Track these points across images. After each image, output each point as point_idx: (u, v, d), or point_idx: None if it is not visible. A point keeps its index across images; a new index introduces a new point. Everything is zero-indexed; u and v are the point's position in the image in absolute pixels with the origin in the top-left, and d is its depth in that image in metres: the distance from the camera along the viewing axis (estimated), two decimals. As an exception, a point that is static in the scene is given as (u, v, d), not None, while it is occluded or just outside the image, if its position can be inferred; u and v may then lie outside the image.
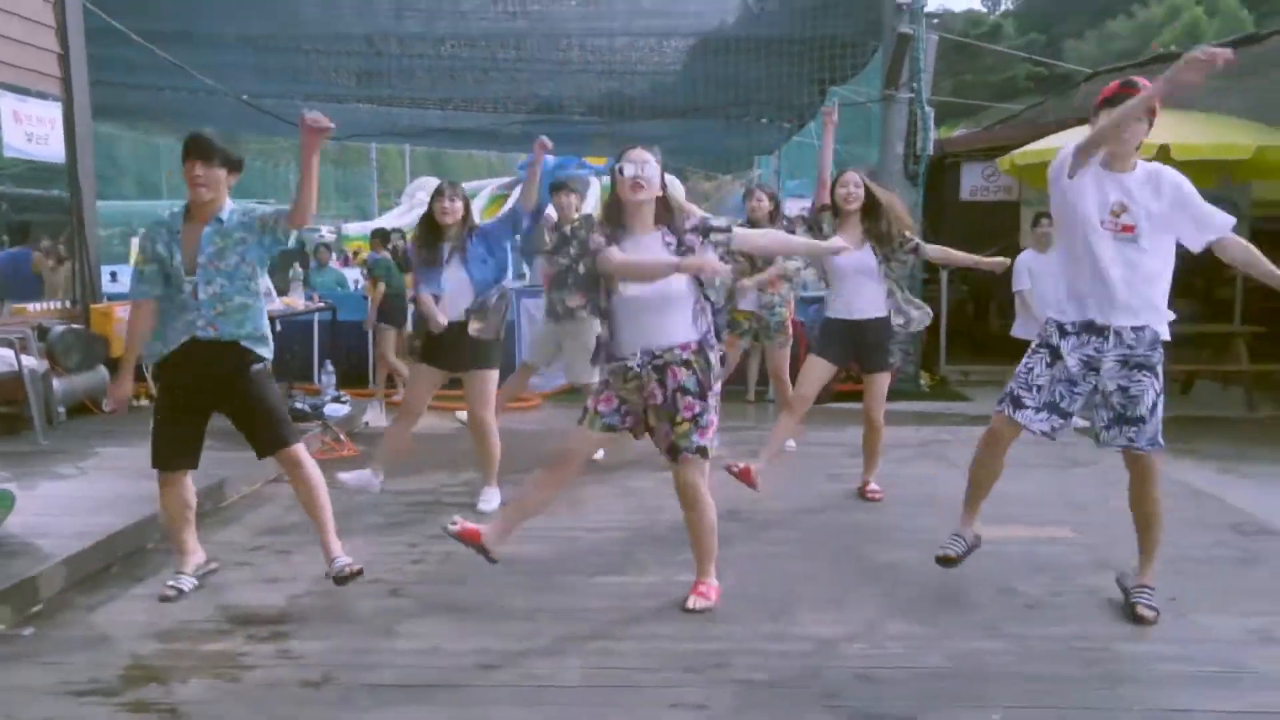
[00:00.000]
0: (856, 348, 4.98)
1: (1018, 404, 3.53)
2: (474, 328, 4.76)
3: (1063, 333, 3.49)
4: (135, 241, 19.73)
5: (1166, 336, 3.42)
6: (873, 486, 5.19)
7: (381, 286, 8.17)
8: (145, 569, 4.05)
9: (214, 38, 10.78)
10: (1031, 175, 8.51)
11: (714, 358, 3.54)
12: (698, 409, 3.47)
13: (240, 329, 3.67)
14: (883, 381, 5.03)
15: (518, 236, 5.15)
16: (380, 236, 9.14)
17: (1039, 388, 3.50)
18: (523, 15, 10.40)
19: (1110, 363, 3.40)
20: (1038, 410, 3.49)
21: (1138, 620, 3.43)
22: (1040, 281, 6.87)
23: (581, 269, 5.80)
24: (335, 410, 6.90)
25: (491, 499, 4.99)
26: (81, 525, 4.20)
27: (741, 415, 7.73)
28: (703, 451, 3.50)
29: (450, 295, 4.78)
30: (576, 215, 5.95)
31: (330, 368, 7.55)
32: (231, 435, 3.86)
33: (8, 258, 7.65)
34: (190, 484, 3.85)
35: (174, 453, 3.73)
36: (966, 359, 10.35)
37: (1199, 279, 11.66)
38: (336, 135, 16.20)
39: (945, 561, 3.69)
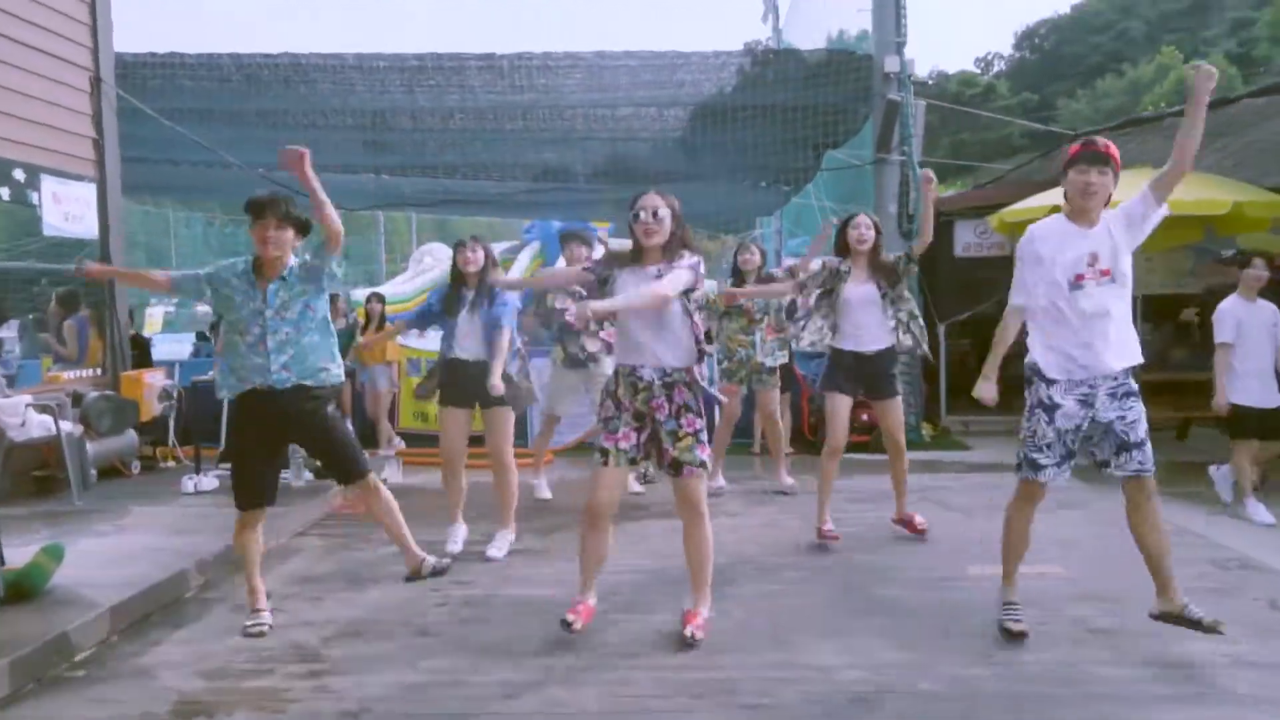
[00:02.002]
0: (865, 378, 5.26)
1: (1035, 466, 3.76)
2: (505, 394, 5.03)
3: (1049, 383, 3.72)
4: (149, 311, 20.16)
5: (1139, 360, 3.69)
6: (919, 519, 5.44)
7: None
8: (184, 616, 4.30)
9: (230, 114, 11.28)
10: (1019, 232, 8.82)
11: (704, 377, 3.88)
12: (699, 426, 3.81)
13: (312, 369, 4.04)
14: (898, 406, 5.31)
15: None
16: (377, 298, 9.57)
17: (1048, 445, 3.72)
18: (529, 89, 10.90)
19: (1103, 397, 3.64)
20: (1057, 466, 3.73)
21: (1211, 630, 3.53)
22: (1251, 337, 5.84)
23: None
24: (355, 468, 7.16)
25: (502, 544, 5.23)
26: (124, 576, 4.46)
27: (748, 466, 7.97)
28: (704, 465, 3.83)
29: (463, 336, 5.12)
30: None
31: (350, 427, 7.84)
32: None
33: (80, 324, 7.98)
34: (262, 528, 4.22)
35: (255, 492, 4.12)
36: (966, 410, 10.60)
37: (1195, 325, 11.96)
38: (347, 206, 16.67)
39: (1017, 636, 3.78)
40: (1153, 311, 10.50)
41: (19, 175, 6.73)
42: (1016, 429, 3.95)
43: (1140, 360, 3.70)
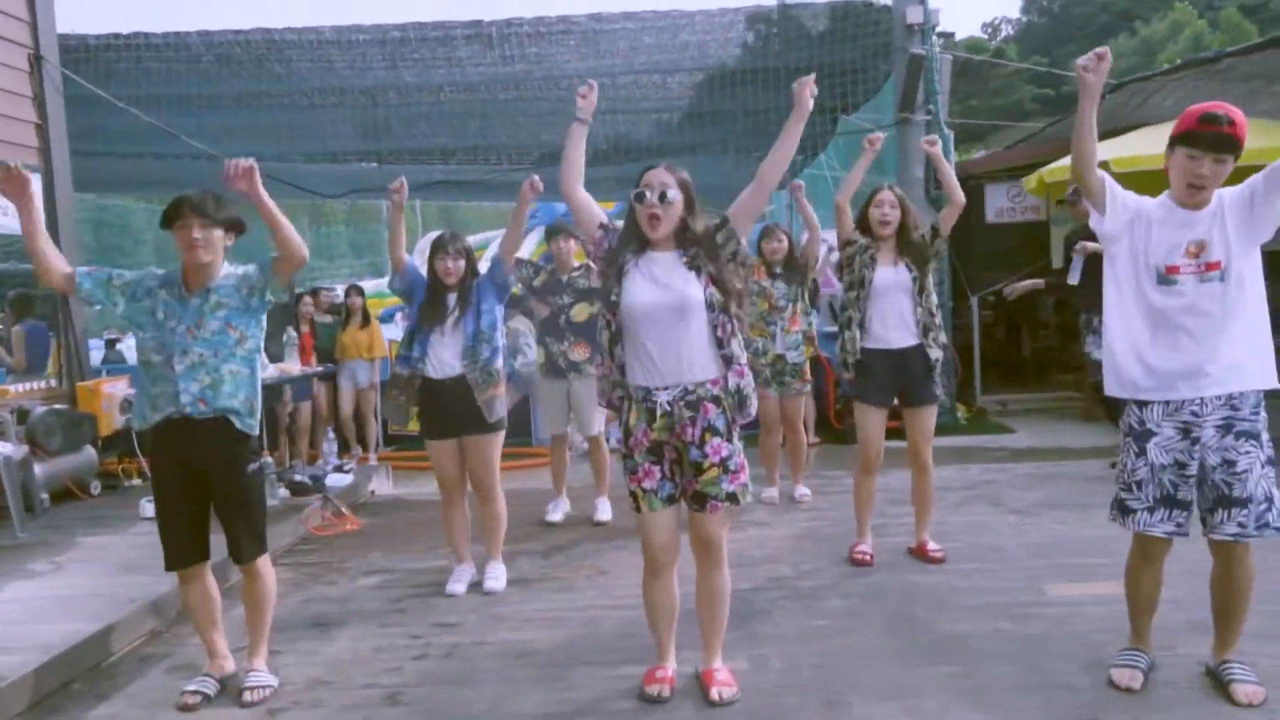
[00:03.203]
0: (900, 379, 4.46)
1: (1125, 510, 3.00)
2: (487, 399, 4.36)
3: (1141, 405, 2.97)
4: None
5: (1272, 385, 2.89)
6: (932, 546, 4.60)
7: None
8: (113, 683, 3.59)
9: (206, 99, 10.57)
10: (1059, 193, 8.06)
11: (740, 383, 3.06)
12: (725, 452, 3.02)
13: (235, 396, 3.27)
14: (930, 416, 4.52)
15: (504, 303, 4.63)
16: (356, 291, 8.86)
17: (1139, 484, 2.96)
18: (520, 59, 10.15)
19: (1210, 430, 2.88)
20: (1151, 511, 2.94)
21: (1245, 704, 2.88)
22: None
23: (575, 317, 5.39)
24: (337, 481, 6.47)
25: (498, 576, 4.51)
26: (45, 635, 3.75)
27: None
28: (733, 498, 3.06)
29: (440, 351, 4.34)
30: (576, 263, 5.52)
31: (331, 434, 7.14)
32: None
33: (34, 330, 7.33)
34: (211, 577, 3.46)
35: (183, 549, 3.36)
36: (1000, 387, 9.85)
37: None
38: (338, 194, 15.96)
39: (1129, 690, 3.04)
40: None
41: (-54, 165, 6.00)
42: (1058, 406, 3.18)
43: (1271, 385, 2.89)
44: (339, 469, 6.73)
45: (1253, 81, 8.05)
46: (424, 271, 4.49)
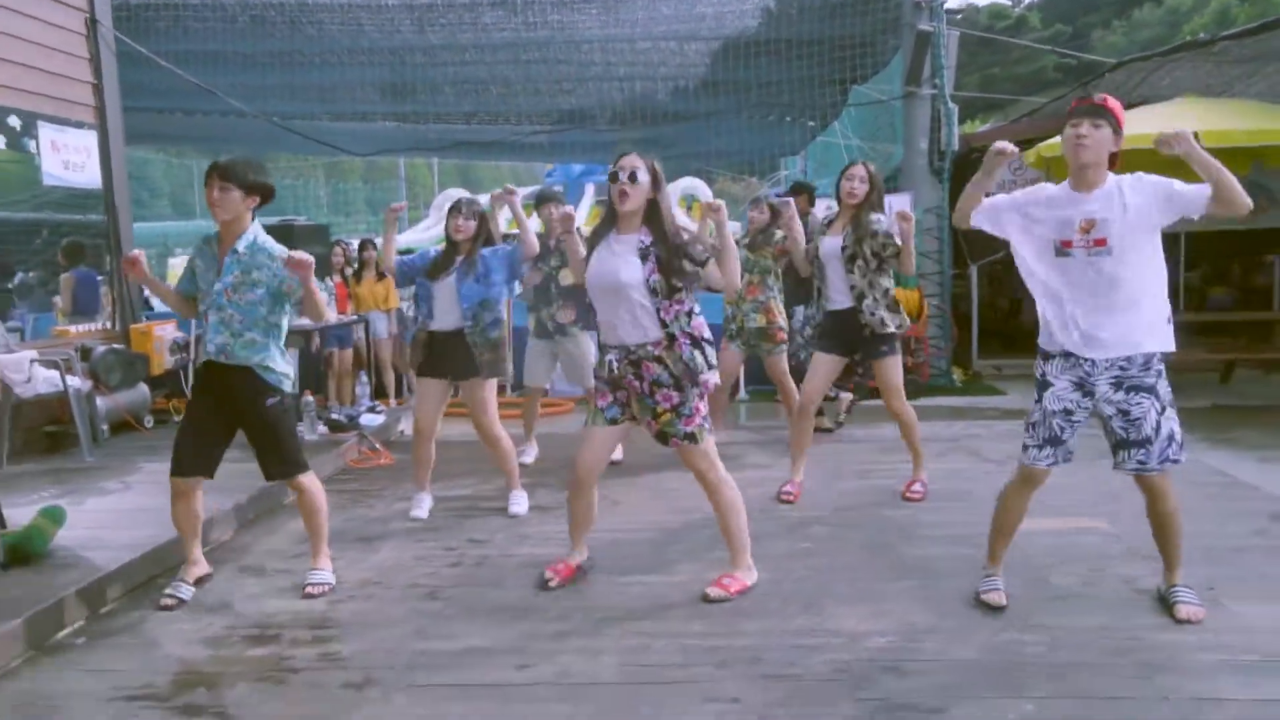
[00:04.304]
0: (848, 337, 4.95)
1: (1024, 447, 3.47)
2: (484, 359, 4.86)
3: (1046, 357, 3.42)
4: (172, 262, 20.17)
5: (1168, 348, 3.30)
6: (915, 488, 5.12)
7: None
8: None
9: (241, 57, 10.99)
10: (1059, 167, 8.42)
11: (690, 353, 3.58)
12: (676, 399, 3.61)
13: (251, 357, 3.80)
14: (889, 368, 4.95)
15: (516, 282, 5.12)
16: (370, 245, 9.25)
17: (1034, 425, 3.42)
18: (543, 25, 10.53)
19: (1104, 386, 3.31)
20: (1039, 448, 3.40)
21: (1184, 621, 3.35)
22: None
23: (563, 280, 5.87)
24: (371, 420, 7.02)
25: (520, 501, 5.07)
26: (129, 538, 4.33)
27: (773, 414, 7.74)
28: (692, 437, 3.64)
29: (441, 306, 4.83)
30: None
31: (365, 379, 7.68)
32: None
33: (84, 277, 7.84)
34: (201, 497, 3.99)
35: (192, 460, 3.86)
36: (998, 353, 10.29)
37: (1235, 265, 11.53)
38: (365, 152, 16.38)
39: (996, 609, 3.52)
40: (1194, 250, 10.09)
41: (14, 122, 6.51)
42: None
43: (1163, 349, 3.30)
44: (371, 410, 7.28)
45: (1248, 64, 8.39)
46: (428, 249, 5.03)
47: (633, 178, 3.56)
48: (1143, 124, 7.68)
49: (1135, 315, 3.25)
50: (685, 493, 5.11)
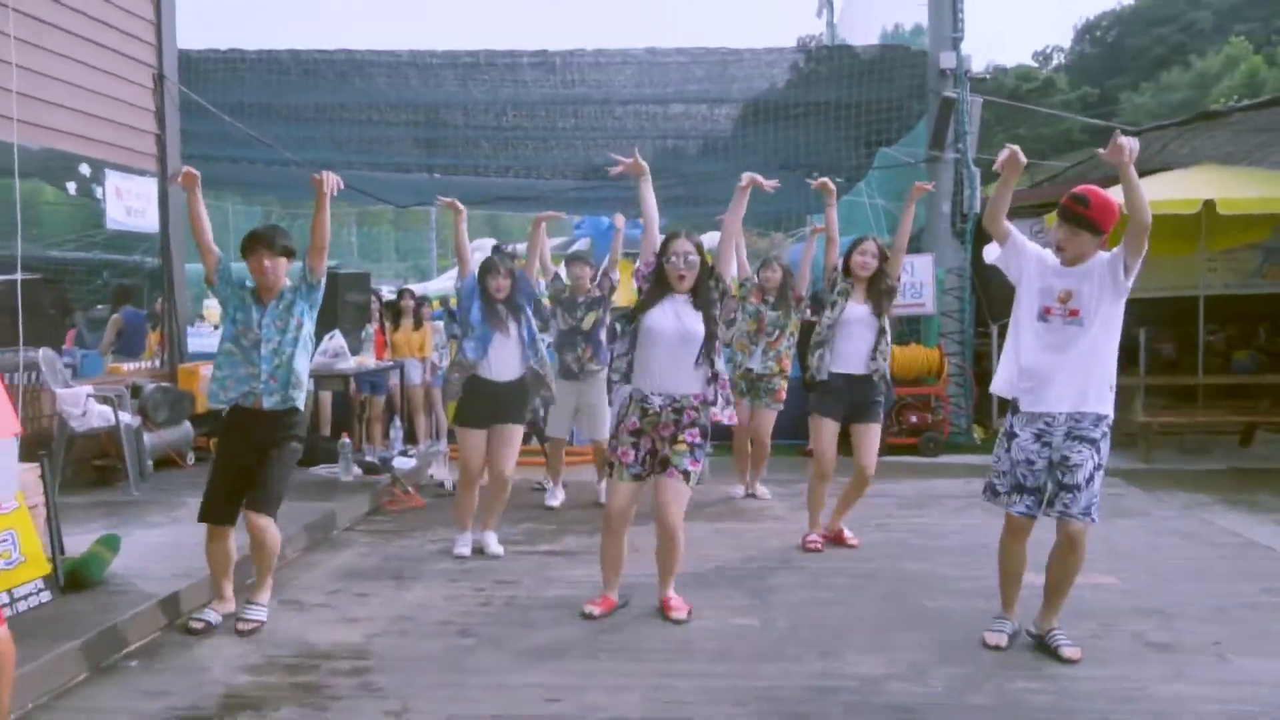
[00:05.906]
0: (852, 399, 5.16)
1: (995, 492, 3.79)
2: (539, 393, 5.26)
3: (1015, 411, 3.72)
4: (207, 303, 20.63)
5: (1107, 412, 3.60)
6: (848, 533, 5.36)
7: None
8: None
9: (289, 108, 11.45)
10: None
11: (721, 404, 4.04)
12: (698, 440, 4.02)
13: (292, 387, 4.11)
14: (876, 434, 5.23)
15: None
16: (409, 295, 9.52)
17: (1003, 473, 3.73)
18: (581, 83, 10.91)
19: (1059, 437, 3.60)
20: (1010, 494, 3.72)
21: (1065, 660, 3.60)
22: None
23: (583, 325, 6.20)
24: (404, 463, 7.24)
25: (494, 541, 5.29)
26: (175, 568, 4.55)
27: (798, 469, 7.88)
28: (687, 475, 4.00)
29: (499, 355, 5.09)
30: (591, 285, 6.24)
31: (398, 423, 7.92)
32: (304, 488, 4.18)
33: (131, 317, 8.08)
34: (233, 538, 4.23)
35: (224, 508, 4.14)
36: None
37: (1259, 328, 11.59)
38: (403, 203, 16.76)
39: (996, 649, 3.77)
40: (1217, 314, 10.19)
41: (85, 170, 6.89)
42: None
43: (1105, 412, 3.60)
44: (404, 454, 7.50)
45: (1265, 134, 8.58)
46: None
47: (687, 260, 3.98)
48: (1161, 190, 7.88)
49: (1091, 378, 3.57)
50: (704, 542, 5.28)
